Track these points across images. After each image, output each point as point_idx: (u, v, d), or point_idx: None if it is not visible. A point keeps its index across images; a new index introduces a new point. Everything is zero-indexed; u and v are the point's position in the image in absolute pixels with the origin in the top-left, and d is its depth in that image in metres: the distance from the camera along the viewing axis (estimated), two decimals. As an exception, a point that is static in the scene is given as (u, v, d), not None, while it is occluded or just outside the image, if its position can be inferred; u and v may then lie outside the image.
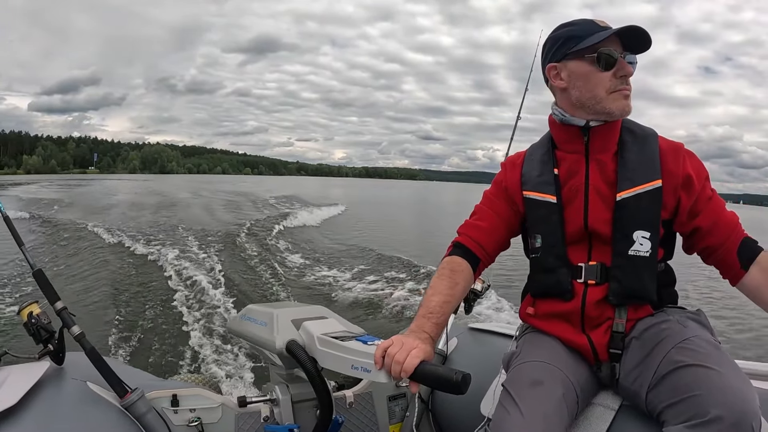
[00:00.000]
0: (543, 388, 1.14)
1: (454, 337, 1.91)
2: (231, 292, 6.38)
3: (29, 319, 1.25)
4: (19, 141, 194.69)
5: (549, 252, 1.32)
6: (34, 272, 1.29)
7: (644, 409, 1.14)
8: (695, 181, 1.26)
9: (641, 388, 1.14)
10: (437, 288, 1.29)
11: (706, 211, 1.27)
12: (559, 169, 1.35)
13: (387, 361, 1.08)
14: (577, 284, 1.28)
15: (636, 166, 1.27)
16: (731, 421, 0.93)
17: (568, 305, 1.28)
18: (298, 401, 1.52)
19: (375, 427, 1.70)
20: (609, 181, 1.28)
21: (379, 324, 5.51)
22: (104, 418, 1.18)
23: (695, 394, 1.00)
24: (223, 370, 3.91)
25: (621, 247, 1.25)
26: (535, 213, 1.35)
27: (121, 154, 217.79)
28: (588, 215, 1.28)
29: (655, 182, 1.25)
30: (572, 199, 1.31)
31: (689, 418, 0.98)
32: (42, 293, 1.28)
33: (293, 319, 1.48)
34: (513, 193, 1.39)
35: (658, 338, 1.18)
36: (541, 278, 1.34)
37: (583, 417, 1.23)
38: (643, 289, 1.25)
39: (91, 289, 6.33)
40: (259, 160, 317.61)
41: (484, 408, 1.48)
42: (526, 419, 1.07)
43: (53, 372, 1.26)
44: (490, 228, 1.40)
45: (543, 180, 1.35)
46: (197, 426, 1.40)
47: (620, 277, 1.24)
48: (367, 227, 16.63)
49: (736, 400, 0.96)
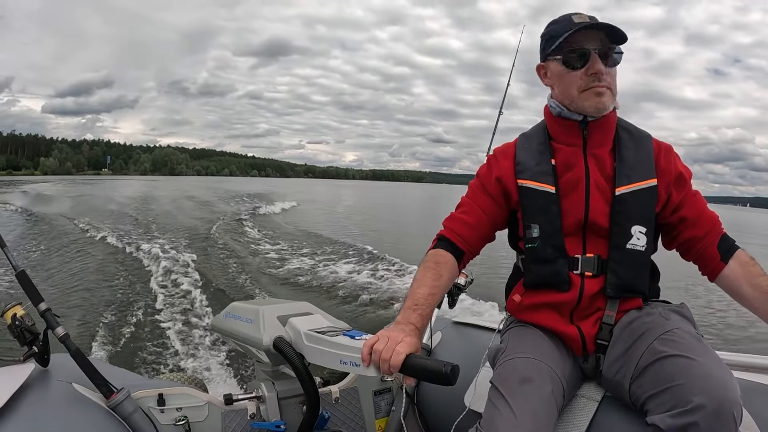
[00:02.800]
0: (532, 385, 1.15)
1: (438, 332, 1.93)
2: (212, 290, 6.40)
3: (13, 321, 1.23)
4: (35, 143, 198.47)
5: (547, 242, 1.31)
6: (18, 273, 1.28)
7: (627, 400, 1.16)
8: (685, 178, 1.33)
9: (624, 379, 1.17)
10: (422, 280, 1.30)
11: (692, 204, 1.33)
12: (556, 159, 1.35)
13: (374, 358, 1.08)
14: (573, 276, 1.30)
15: (633, 163, 1.30)
16: (713, 409, 0.95)
17: (564, 296, 1.30)
18: (284, 398, 1.53)
19: (361, 421, 1.72)
20: (606, 176, 1.31)
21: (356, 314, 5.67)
22: (91, 419, 1.18)
23: (677, 384, 1.02)
24: (209, 368, 3.89)
25: (619, 240, 1.27)
26: (533, 203, 1.34)
27: (132, 157, 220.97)
28: (589, 208, 1.29)
29: (651, 181, 1.29)
30: (571, 190, 1.32)
31: (672, 407, 1.01)
32: (25, 294, 1.27)
33: (279, 316, 1.48)
34: (506, 182, 1.38)
35: (641, 330, 1.20)
36: (538, 269, 1.33)
37: (567, 409, 1.25)
38: (638, 283, 1.28)
39: (75, 290, 6.23)
40: (266, 163, 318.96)
41: (467, 399, 1.51)
42: (517, 418, 1.08)
43: (38, 374, 1.25)
44: (474, 222, 1.40)
45: (541, 170, 1.35)
46: (184, 425, 1.40)
47: (618, 270, 1.27)
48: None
49: (717, 389, 0.98)
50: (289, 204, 24.32)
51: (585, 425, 1.23)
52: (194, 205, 21.09)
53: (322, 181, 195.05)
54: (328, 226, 15.84)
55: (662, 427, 1.00)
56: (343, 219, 19.99)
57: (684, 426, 0.97)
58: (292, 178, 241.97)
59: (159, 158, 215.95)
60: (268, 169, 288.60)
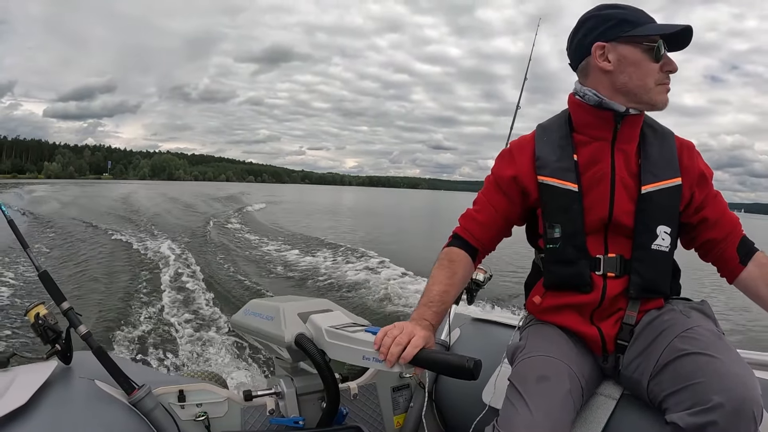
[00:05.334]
0: (550, 383, 1.14)
1: (456, 328, 1.92)
2: (231, 287, 6.57)
3: (36, 320, 1.26)
4: (39, 148, 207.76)
5: (568, 243, 1.27)
6: (40, 274, 1.30)
7: (645, 398, 1.15)
8: (707, 178, 1.30)
9: (642, 376, 1.15)
10: (437, 278, 1.29)
11: (713, 206, 1.30)
12: (579, 154, 1.30)
13: (386, 341, 1.08)
14: (596, 277, 1.26)
15: (658, 161, 1.27)
16: (732, 407, 0.94)
17: (586, 298, 1.26)
18: (303, 394, 1.53)
19: (379, 417, 1.72)
20: (632, 173, 1.27)
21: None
22: (113, 415, 1.20)
23: (697, 382, 1.00)
24: (229, 364, 3.94)
25: (644, 240, 1.24)
26: (554, 201, 1.29)
27: (132, 162, 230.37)
28: (614, 206, 1.25)
29: (675, 179, 1.25)
30: (593, 187, 1.27)
31: (691, 405, 0.99)
32: (48, 294, 1.29)
33: (299, 313, 1.49)
34: (524, 179, 1.33)
35: (661, 328, 1.18)
36: (559, 270, 1.30)
37: (585, 407, 1.24)
38: (661, 283, 1.25)
39: (96, 289, 6.36)
40: (263, 169, 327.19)
41: (485, 396, 1.50)
42: (534, 416, 1.07)
43: (61, 371, 1.27)
44: (486, 221, 1.37)
45: (562, 166, 1.29)
46: (204, 420, 1.41)
47: (642, 271, 1.24)
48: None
49: (737, 388, 0.96)
50: (258, 206, 26.60)
51: (603, 423, 1.22)
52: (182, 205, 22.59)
53: (311, 186, 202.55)
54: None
55: (681, 425, 0.98)
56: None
57: (703, 424, 0.95)
58: (289, 184, 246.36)
59: (158, 164, 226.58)
60: (265, 175, 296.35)
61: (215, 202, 27.37)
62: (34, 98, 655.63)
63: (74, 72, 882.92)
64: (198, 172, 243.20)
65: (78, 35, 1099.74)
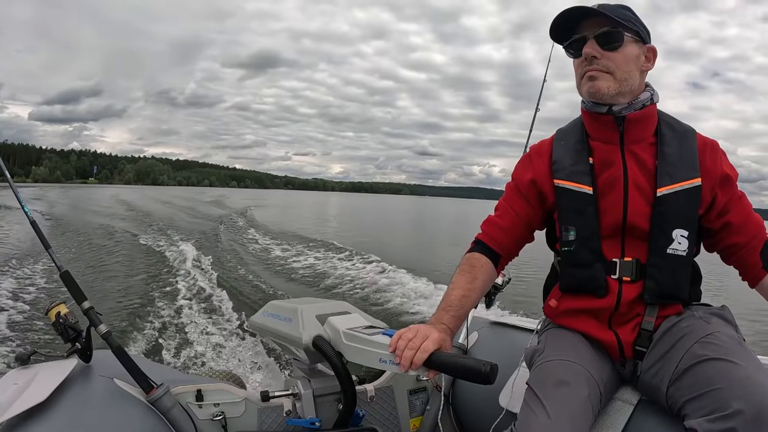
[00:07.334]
0: (569, 388, 1.12)
1: (474, 332, 1.91)
2: (248, 289, 6.64)
3: (57, 319, 1.28)
4: (26, 152, 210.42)
5: (583, 246, 1.27)
6: (61, 274, 1.32)
7: (664, 403, 1.12)
8: (732, 179, 1.25)
9: (662, 382, 1.13)
10: (457, 283, 1.29)
11: (738, 209, 1.25)
12: (594, 158, 1.29)
13: (401, 344, 1.07)
14: (611, 281, 1.25)
15: (675, 161, 1.23)
16: (752, 414, 0.92)
17: (601, 302, 1.25)
18: (320, 395, 1.53)
19: (396, 420, 1.71)
20: (647, 175, 1.24)
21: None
22: (131, 413, 1.21)
23: (716, 388, 0.98)
24: (246, 365, 3.96)
25: (659, 244, 1.22)
26: (570, 204, 1.29)
27: (117, 167, 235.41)
28: (627, 209, 1.24)
29: (694, 180, 1.22)
30: (608, 190, 1.26)
31: (710, 411, 0.97)
32: (69, 294, 1.31)
33: (318, 315, 1.49)
34: (541, 183, 1.34)
35: (680, 334, 1.16)
36: (574, 273, 1.29)
37: (602, 411, 1.22)
38: (678, 289, 1.23)
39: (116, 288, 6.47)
40: (246, 174, 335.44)
41: (502, 400, 1.48)
42: (553, 420, 1.06)
43: (81, 369, 1.29)
44: (509, 226, 1.37)
45: (578, 169, 1.29)
46: (221, 420, 1.42)
47: (657, 276, 1.21)
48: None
49: (758, 394, 0.94)
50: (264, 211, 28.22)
51: (620, 429, 1.19)
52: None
53: (294, 192, 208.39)
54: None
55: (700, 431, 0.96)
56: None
57: (722, 431, 0.93)
58: (271, 189, 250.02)
59: (142, 169, 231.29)
60: (248, 181, 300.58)
61: (202, 206, 28.32)
62: (20, 101, 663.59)
63: (61, 75, 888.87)
64: (182, 177, 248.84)
65: (65, 39, 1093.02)
